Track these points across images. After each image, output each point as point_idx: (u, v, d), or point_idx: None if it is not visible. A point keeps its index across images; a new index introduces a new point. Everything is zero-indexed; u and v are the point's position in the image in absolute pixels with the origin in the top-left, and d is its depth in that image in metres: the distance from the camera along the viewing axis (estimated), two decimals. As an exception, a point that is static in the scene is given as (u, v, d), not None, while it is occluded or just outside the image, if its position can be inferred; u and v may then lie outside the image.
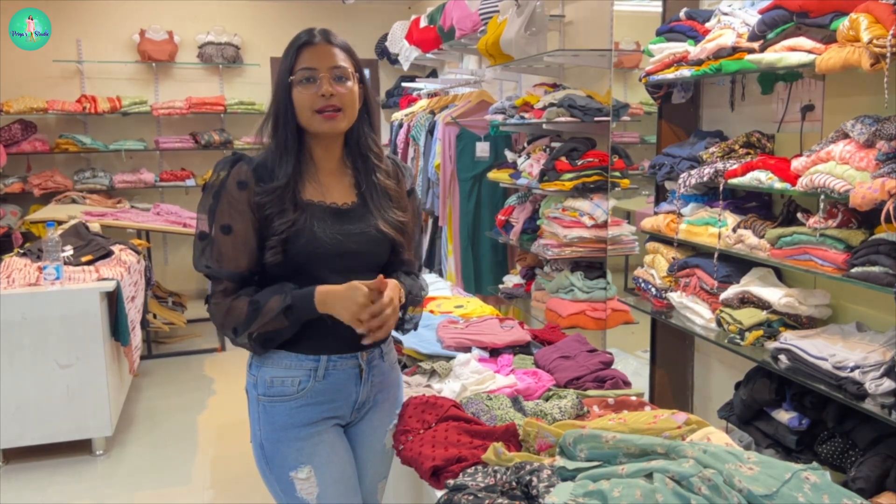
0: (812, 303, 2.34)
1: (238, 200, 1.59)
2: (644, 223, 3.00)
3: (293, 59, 1.62)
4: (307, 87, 1.61)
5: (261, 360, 1.68)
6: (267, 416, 1.66)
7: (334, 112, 1.62)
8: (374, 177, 1.72)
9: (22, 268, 3.75)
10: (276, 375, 1.65)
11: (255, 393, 1.68)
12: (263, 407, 1.67)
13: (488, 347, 2.32)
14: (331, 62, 1.62)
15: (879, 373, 1.91)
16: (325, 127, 1.64)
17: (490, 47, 4.08)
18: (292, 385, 1.65)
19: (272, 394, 1.65)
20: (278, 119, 1.65)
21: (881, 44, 1.82)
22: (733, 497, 1.19)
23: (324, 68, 1.61)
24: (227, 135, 6.88)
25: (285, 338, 1.62)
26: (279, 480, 1.67)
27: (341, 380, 1.69)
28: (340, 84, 1.62)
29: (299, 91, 1.62)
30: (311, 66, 1.61)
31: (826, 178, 2.05)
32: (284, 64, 1.63)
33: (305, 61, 1.62)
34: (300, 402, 1.65)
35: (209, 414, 4.31)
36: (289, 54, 1.64)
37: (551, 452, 1.54)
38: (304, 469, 1.64)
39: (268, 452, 1.67)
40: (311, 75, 1.61)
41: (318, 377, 1.66)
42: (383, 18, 7.11)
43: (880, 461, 1.93)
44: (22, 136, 6.32)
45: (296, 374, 1.65)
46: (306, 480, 1.64)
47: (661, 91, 2.95)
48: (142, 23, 6.72)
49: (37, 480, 3.50)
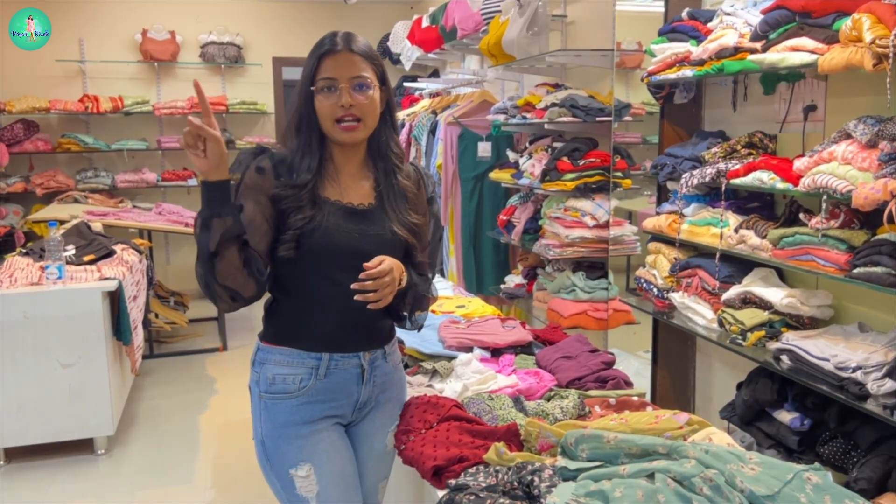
0: (814, 303, 2.34)
1: (254, 183, 1.61)
2: (646, 223, 3.00)
3: (314, 67, 1.62)
4: (328, 97, 1.62)
5: (264, 357, 1.69)
6: (268, 414, 1.67)
7: (354, 122, 1.63)
8: (394, 178, 1.74)
9: (24, 267, 3.76)
10: (277, 373, 1.67)
11: (257, 390, 1.69)
12: (265, 404, 1.68)
13: (490, 347, 2.32)
14: (351, 72, 1.62)
15: (881, 373, 1.91)
16: (345, 137, 1.65)
17: (492, 47, 4.08)
18: (293, 382, 1.66)
19: (274, 391, 1.66)
20: (301, 123, 1.66)
21: (884, 44, 1.82)
22: (735, 497, 1.19)
23: (344, 78, 1.61)
24: (228, 134, 6.88)
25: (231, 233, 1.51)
26: (279, 478, 1.68)
27: (343, 379, 1.69)
28: (361, 93, 1.63)
29: (320, 100, 1.63)
30: (331, 76, 1.61)
31: (828, 178, 2.05)
32: (306, 70, 1.64)
33: (327, 70, 1.62)
34: (301, 400, 1.66)
35: (211, 413, 4.31)
36: (311, 61, 1.64)
37: (553, 452, 1.54)
38: (304, 467, 1.65)
39: (268, 449, 1.68)
40: (331, 84, 1.62)
41: (320, 376, 1.67)
42: (385, 18, 7.11)
43: (882, 462, 1.92)
44: (24, 136, 6.33)
45: (297, 371, 1.66)
46: (306, 478, 1.65)
47: (663, 91, 2.95)
48: (144, 22, 6.73)
49: (39, 479, 3.50)
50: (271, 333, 1.72)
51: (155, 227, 5.38)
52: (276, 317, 1.72)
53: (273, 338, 1.71)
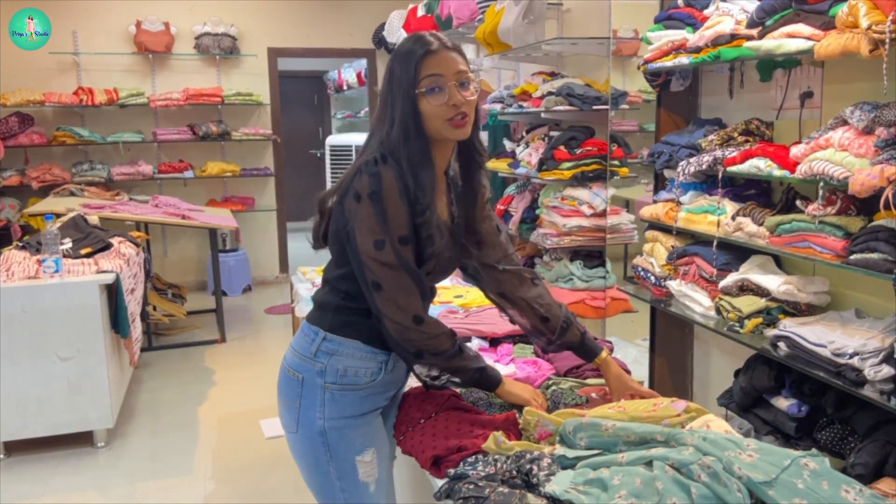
0: (811, 290, 2.35)
1: (404, 211, 1.57)
2: (643, 211, 3.00)
3: (416, 70, 1.58)
4: (436, 97, 1.58)
5: (332, 348, 1.67)
6: (334, 404, 1.67)
7: (464, 119, 1.61)
8: (476, 178, 1.76)
9: (21, 261, 3.75)
10: (349, 366, 1.67)
11: (321, 381, 1.67)
12: (331, 395, 1.67)
13: (488, 337, 2.33)
14: (455, 67, 1.59)
15: (878, 359, 1.92)
16: (458, 134, 1.62)
17: (488, 36, 4.06)
18: (365, 375, 1.68)
19: (344, 383, 1.67)
20: (408, 132, 1.59)
21: (880, 30, 1.82)
22: (733, 484, 1.20)
23: (450, 75, 1.59)
24: (224, 126, 6.86)
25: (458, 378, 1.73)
26: (340, 467, 1.68)
27: (401, 372, 1.77)
28: (466, 90, 1.61)
29: (427, 101, 1.58)
30: (437, 73, 1.58)
31: (825, 165, 2.04)
32: (405, 76, 1.58)
33: (431, 68, 1.58)
34: (368, 392, 1.69)
35: (210, 405, 4.32)
36: (409, 66, 1.58)
37: (552, 441, 1.55)
38: (369, 452, 1.69)
39: (331, 439, 1.67)
40: (438, 83, 1.58)
41: (388, 369, 1.71)
42: (381, 8, 7.07)
43: (879, 447, 1.94)
44: (19, 129, 6.31)
45: (370, 365, 1.69)
46: (370, 463, 1.69)
47: (659, 79, 2.94)
48: (138, 14, 6.69)
49: (38, 473, 3.51)
50: (345, 326, 1.68)
51: (152, 219, 5.37)
52: (352, 312, 1.69)
53: (345, 332, 1.68)
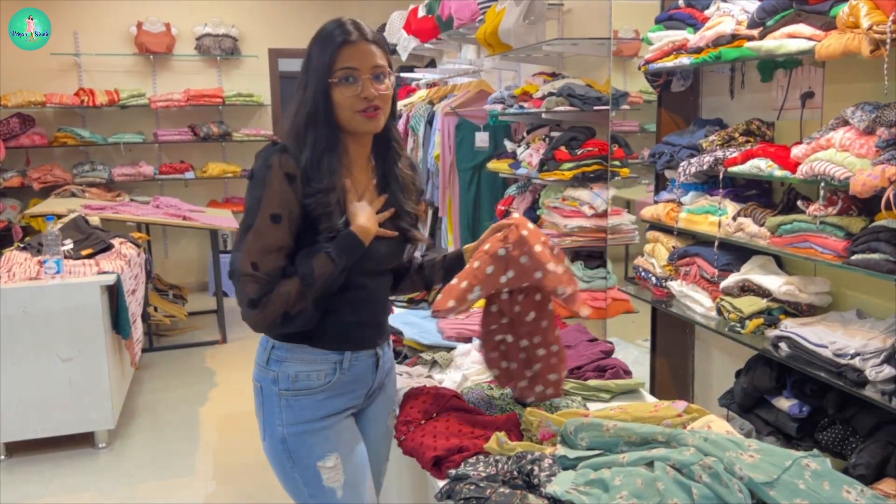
0: (812, 290, 2.34)
1: (286, 192, 1.54)
2: (644, 212, 3.00)
3: (332, 58, 1.58)
4: (348, 88, 1.58)
5: (281, 355, 1.65)
6: (291, 411, 1.64)
7: (375, 111, 1.61)
8: (396, 167, 1.74)
9: (22, 262, 3.75)
10: (300, 370, 1.64)
11: (276, 388, 1.65)
12: (286, 402, 1.64)
13: (489, 337, 2.32)
14: (371, 61, 1.60)
15: (879, 360, 1.92)
16: (369, 126, 1.63)
17: (488, 37, 4.06)
18: (318, 378, 1.64)
19: (297, 388, 1.64)
20: (316, 118, 1.60)
21: (881, 30, 1.81)
22: (734, 484, 1.19)
23: (365, 69, 1.59)
24: (225, 127, 6.86)
25: (334, 289, 1.59)
26: (303, 473, 1.65)
27: (363, 370, 1.71)
28: (380, 83, 1.61)
29: (340, 91, 1.58)
30: (352, 66, 1.58)
31: (826, 165, 2.04)
32: (320, 62, 1.58)
33: (346, 61, 1.58)
34: (326, 395, 1.65)
35: (211, 406, 4.32)
36: (325, 53, 1.58)
37: (554, 442, 1.55)
38: (332, 457, 1.65)
39: (291, 446, 1.64)
40: (351, 75, 1.58)
41: (344, 369, 1.67)
42: (381, 8, 7.07)
43: (880, 448, 1.93)
44: (20, 130, 6.32)
45: (322, 367, 1.65)
46: (333, 469, 1.65)
47: (660, 79, 2.94)
48: (139, 15, 6.70)
49: (39, 473, 3.51)
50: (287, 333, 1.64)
51: (153, 220, 5.37)
52: None
53: (292, 337, 1.64)
